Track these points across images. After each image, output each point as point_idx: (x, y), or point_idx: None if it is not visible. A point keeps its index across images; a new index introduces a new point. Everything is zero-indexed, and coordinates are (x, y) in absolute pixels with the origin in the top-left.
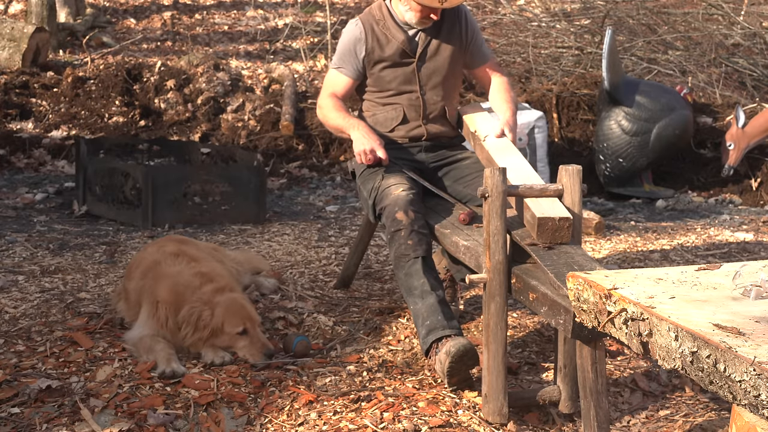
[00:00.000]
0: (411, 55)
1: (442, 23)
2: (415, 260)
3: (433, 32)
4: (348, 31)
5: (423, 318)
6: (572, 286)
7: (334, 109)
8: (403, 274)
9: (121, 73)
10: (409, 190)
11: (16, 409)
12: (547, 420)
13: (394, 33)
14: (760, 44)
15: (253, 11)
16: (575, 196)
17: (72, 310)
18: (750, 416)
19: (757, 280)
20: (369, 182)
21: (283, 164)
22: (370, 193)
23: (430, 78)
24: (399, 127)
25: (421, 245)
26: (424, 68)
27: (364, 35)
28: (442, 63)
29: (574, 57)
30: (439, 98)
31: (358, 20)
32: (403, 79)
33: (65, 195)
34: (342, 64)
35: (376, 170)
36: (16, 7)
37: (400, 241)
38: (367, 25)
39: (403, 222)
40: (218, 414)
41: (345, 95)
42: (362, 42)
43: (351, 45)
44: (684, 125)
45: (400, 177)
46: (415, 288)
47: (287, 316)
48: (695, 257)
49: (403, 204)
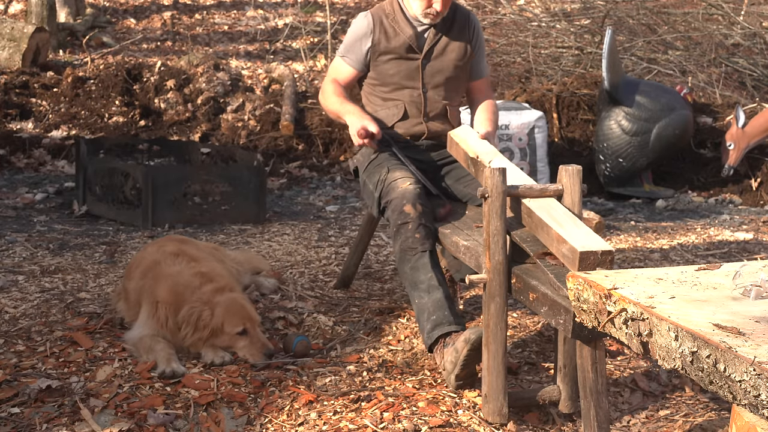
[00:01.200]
0: (417, 51)
1: (453, 25)
2: (422, 254)
3: (442, 31)
4: (357, 23)
5: (429, 312)
6: (572, 286)
7: (334, 94)
8: (408, 268)
9: (121, 73)
10: (416, 183)
11: (16, 409)
12: (547, 420)
13: (403, 27)
14: (760, 44)
15: (253, 11)
16: (575, 196)
17: (72, 310)
18: (750, 416)
19: (757, 280)
20: (375, 175)
21: (283, 164)
22: (376, 185)
23: (434, 76)
24: (399, 123)
25: (429, 239)
26: (429, 66)
27: (371, 27)
28: (447, 63)
29: (574, 57)
30: (440, 97)
31: (368, 13)
32: (406, 74)
33: (65, 195)
34: (347, 54)
35: (381, 163)
36: (16, 7)
37: (407, 234)
38: (377, 17)
39: (411, 215)
40: (218, 414)
41: (347, 84)
42: (369, 34)
43: (358, 36)
44: (684, 125)
45: (405, 171)
46: (422, 282)
47: (287, 316)
48: (695, 257)
49: (411, 197)
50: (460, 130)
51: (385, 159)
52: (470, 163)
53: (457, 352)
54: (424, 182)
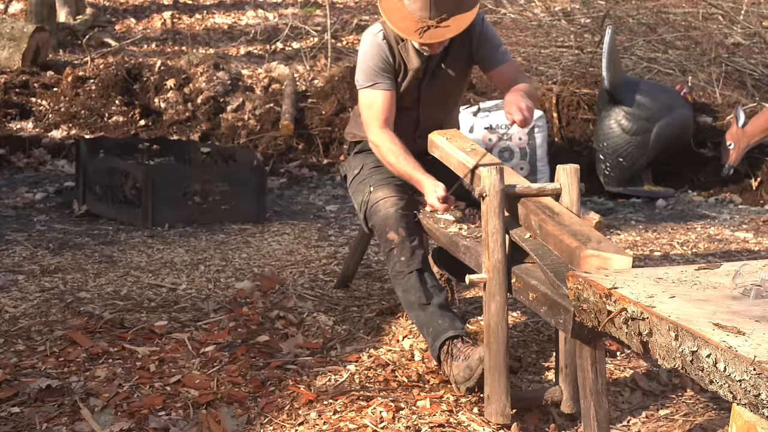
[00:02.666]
0: (419, 78)
1: (453, 41)
2: (409, 275)
3: (443, 56)
4: (372, 46)
5: (426, 327)
6: (572, 285)
7: (394, 155)
8: (401, 291)
9: (121, 73)
10: (398, 202)
11: (16, 409)
12: (547, 420)
13: (411, 58)
14: (760, 44)
15: (253, 11)
16: (573, 195)
17: (72, 309)
18: (750, 415)
19: (757, 280)
20: (359, 195)
21: (283, 164)
22: (361, 206)
23: (431, 95)
24: None
25: (415, 259)
26: (427, 87)
27: (389, 49)
28: (446, 82)
29: (574, 57)
30: (436, 113)
31: (380, 34)
32: (405, 98)
33: (65, 194)
34: (375, 80)
35: (364, 180)
36: (16, 6)
37: (394, 259)
38: (391, 38)
39: (394, 241)
40: (218, 413)
41: (391, 114)
42: (390, 56)
43: (380, 58)
44: (684, 125)
45: (388, 188)
46: (413, 302)
47: (287, 316)
48: (695, 257)
49: (393, 223)
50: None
51: (368, 175)
52: (457, 164)
53: (471, 369)
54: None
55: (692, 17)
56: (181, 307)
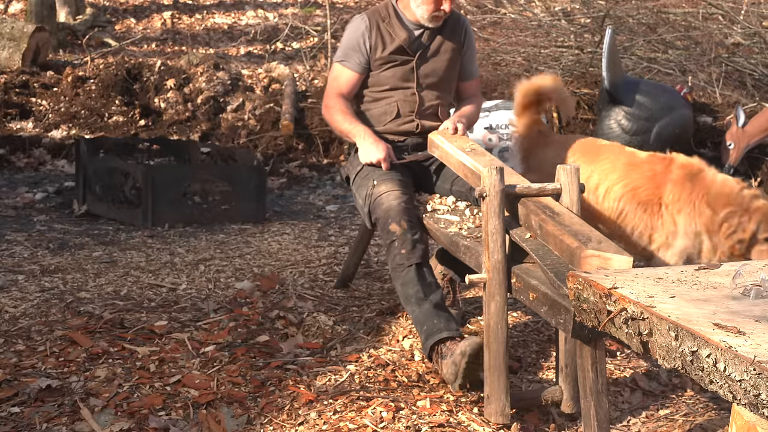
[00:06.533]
0: (411, 53)
1: (445, 26)
2: (408, 269)
3: (434, 33)
4: (354, 25)
5: (421, 324)
6: (572, 285)
7: (341, 113)
8: (399, 284)
9: (121, 73)
10: (402, 196)
11: (16, 409)
12: (547, 420)
13: (398, 31)
14: (760, 44)
15: (253, 11)
16: (573, 195)
17: (72, 309)
18: (750, 415)
19: (757, 280)
20: (362, 189)
21: (283, 164)
22: (365, 200)
23: (428, 77)
24: (392, 121)
25: (415, 253)
26: (423, 67)
27: (369, 30)
28: (441, 64)
29: (574, 57)
30: (434, 97)
31: (364, 15)
32: (401, 76)
33: (65, 194)
34: (347, 58)
35: (368, 175)
36: (16, 6)
37: (394, 252)
38: (373, 21)
39: (396, 233)
40: (218, 413)
41: (351, 92)
42: (367, 37)
43: (357, 39)
44: (684, 124)
45: (391, 182)
46: (411, 296)
47: (287, 316)
48: None
49: (395, 215)
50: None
51: (371, 170)
52: (458, 164)
53: (456, 365)
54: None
55: (692, 17)
56: (181, 307)
